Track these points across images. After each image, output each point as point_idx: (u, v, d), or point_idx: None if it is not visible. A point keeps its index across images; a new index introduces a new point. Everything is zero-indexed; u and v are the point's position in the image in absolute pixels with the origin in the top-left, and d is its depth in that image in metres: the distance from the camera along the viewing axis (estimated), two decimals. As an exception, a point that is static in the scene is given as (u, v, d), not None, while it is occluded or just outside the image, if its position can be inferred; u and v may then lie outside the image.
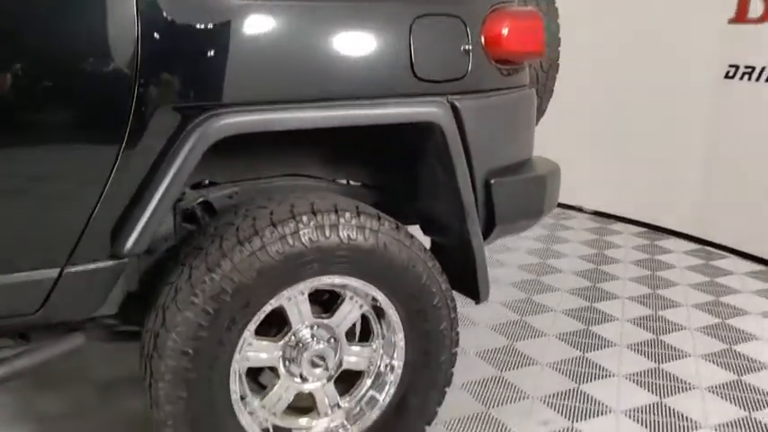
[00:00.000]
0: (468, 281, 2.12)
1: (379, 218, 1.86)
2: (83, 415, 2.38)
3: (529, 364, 2.76)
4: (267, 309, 1.78)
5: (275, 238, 1.70)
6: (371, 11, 1.81)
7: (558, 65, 2.56)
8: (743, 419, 2.42)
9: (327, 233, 1.75)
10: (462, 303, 2.80)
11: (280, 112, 1.70)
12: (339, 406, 2.00)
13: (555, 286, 3.59)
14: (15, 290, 1.56)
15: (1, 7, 1.44)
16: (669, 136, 4.36)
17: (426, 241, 2.26)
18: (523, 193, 2.15)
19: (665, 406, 2.49)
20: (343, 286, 1.88)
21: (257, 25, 1.68)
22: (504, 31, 1.97)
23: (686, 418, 2.42)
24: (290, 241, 1.71)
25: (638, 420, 2.40)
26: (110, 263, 1.63)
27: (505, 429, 2.32)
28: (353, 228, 1.79)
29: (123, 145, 1.55)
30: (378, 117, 1.82)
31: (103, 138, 1.56)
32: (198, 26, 1.62)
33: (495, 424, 2.35)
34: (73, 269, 1.59)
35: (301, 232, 1.72)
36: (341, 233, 1.77)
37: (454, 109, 1.91)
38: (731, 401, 2.54)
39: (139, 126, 1.56)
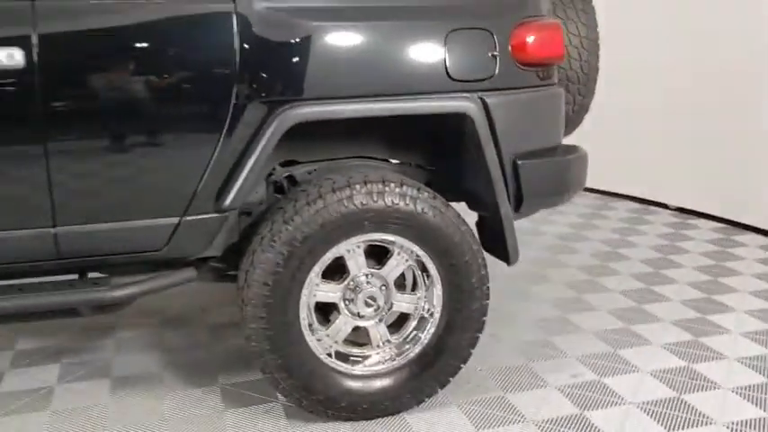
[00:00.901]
0: (501, 247, 2.57)
1: (419, 188, 2.35)
2: (199, 348, 3.03)
3: (630, 372, 2.80)
4: (329, 256, 2.31)
5: (334, 200, 2.24)
6: (414, 27, 2.31)
7: (597, 68, 2.92)
8: None
9: (375, 198, 2.27)
10: (569, 311, 3.12)
11: (338, 105, 2.23)
12: (389, 341, 2.50)
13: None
14: (150, 231, 2.19)
15: (151, 33, 2.07)
16: (751, 135, 4.53)
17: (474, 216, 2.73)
18: (548, 173, 2.56)
19: None
20: (391, 242, 2.38)
21: (327, 40, 2.22)
22: (529, 41, 2.41)
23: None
24: (346, 203, 2.24)
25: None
26: (214, 215, 2.24)
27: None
28: (397, 195, 2.29)
29: (226, 127, 2.15)
30: (417, 108, 2.32)
31: (213, 122, 2.15)
32: (281, 41, 2.19)
33: (589, 428, 2.41)
34: (188, 218, 2.21)
35: (354, 197, 2.25)
36: (386, 199, 2.28)
37: (484, 103, 2.38)
38: None
39: (238, 113, 2.15)
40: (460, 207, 2.61)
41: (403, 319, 2.55)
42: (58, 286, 2.18)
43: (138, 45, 2.09)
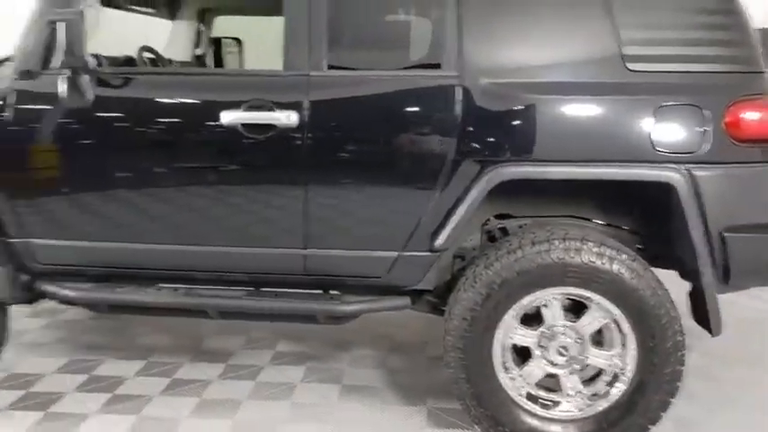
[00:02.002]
0: (705, 317, 2.59)
1: (619, 250, 2.50)
2: (416, 373, 3.42)
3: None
4: (525, 302, 2.56)
5: (532, 252, 2.50)
6: (624, 102, 2.50)
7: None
8: None
9: (572, 254, 2.47)
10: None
11: (543, 167, 2.50)
12: (580, 392, 2.65)
13: None
14: (375, 260, 2.66)
15: (390, 100, 2.57)
16: None
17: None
18: (762, 249, 2.53)
19: None
20: (588, 299, 2.56)
21: (539, 111, 2.52)
22: (745, 118, 2.45)
23: None
24: (543, 256, 2.48)
25: None
26: (427, 253, 2.63)
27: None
28: (594, 254, 2.47)
29: (443, 180, 2.55)
30: (620, 175, 2.49)
31: (433, 174, 2.56)
32: (498, 110, 2.54)
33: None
34: (405, 254, 2.64)
35: (552, 251, 2.48)
36: (583, 256, 2.47)
37: (691, 175, 2.46)
38: None
39: (454, 169, 2.53)
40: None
41: (597, 373, 2.68)
42: (303, 296, 2.74)
43: (380, 110, 2.59)
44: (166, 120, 2.66)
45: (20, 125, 2.66)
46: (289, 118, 2.54)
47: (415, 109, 2.58)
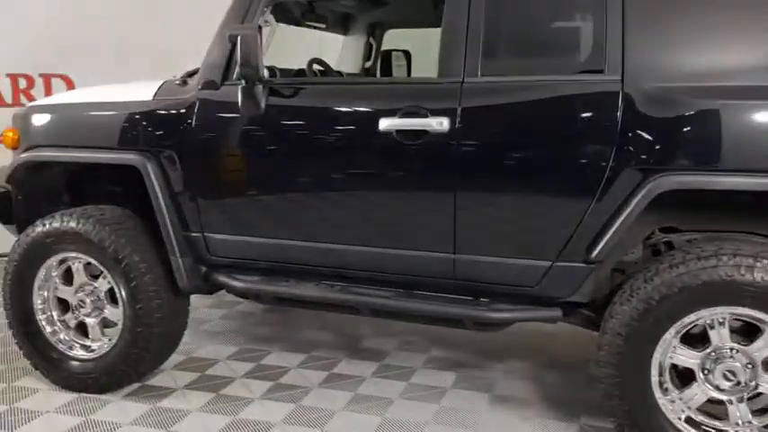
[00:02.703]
0: None
1: (799, 270, 2.26)
2: (572, 389, 3.31)
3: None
4: (688, 321, 2.39)
5: (697, 267, 2.33)
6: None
7: None
8: None
9: (743, 272, 2.27)
10: None
11: (712, 177, 2.32)
12: (749, 422, 2.42)
13: None
14: (527, 269, 2.61)
15: (545, 106, 2.52)
16: None
17: None
18: None
19: None
20: (760, 320, 2.34)
21: (706, 117, 2.34)
22: None
23: None
24: (709, 272, 2.31)
25: None
26: (581, 265, 2.54)
27: None
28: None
29: (600, 188, 2.45)
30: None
31: (590, 182, 2.46)
32: (663, 116, 2.40)
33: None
34: (558, 264, 2.57)
35: (720, 267, 2.30)
36: (755, 274, 2.26)
37: None
38: None
39: (613, 177, 2.43)
40: None
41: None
42: (452, 301, 2.76)
43: (535, 116, 2.55)
44: (329, 126, 2.81)
45: (202, 131, 2.94)
46: (441, 124, 2.58)
47: (572, 114, 2.50)
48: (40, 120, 3.31)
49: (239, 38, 2.69)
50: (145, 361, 3.14)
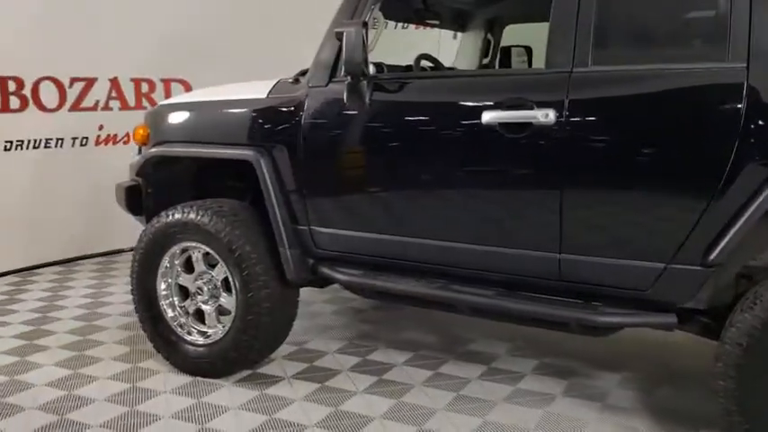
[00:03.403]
0: None
1: None
2: (689, 403, 3.06)
3: None
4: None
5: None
6: None
7: None
8: None
9: None
10: None
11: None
12: None
13: None
14: (638, 271, 2.44)
15: (663, 99, 2.35)
16: None
17: None
18: None
19: None
20: None
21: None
22: None
23: None
24: None
25: None
26: (698, 268, 2.34)
27: None
28: None
29: (720, 185, 2.24)
30: None
31: (709, 179, 2.27)
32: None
33: None
34: (673, 266, 2.38)
35: None
36: None
37: None
38: None
39: (734, 174, 2.22)
40: None
41: None
42: (557, 302, 2.63)
43: (648, 107, 2.38)
44: (431, 121, 2.79)
45: (310, 128, 3.01)
46: (547, 116, 2.47)
47: (689, 106, 2.32)
48: (167, 117, 3.53)
49: (344, 34, 2.73)
50: (254, 349, 3.25)
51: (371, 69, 2.89)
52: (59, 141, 5.42)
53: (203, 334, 3.39)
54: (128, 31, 5.50)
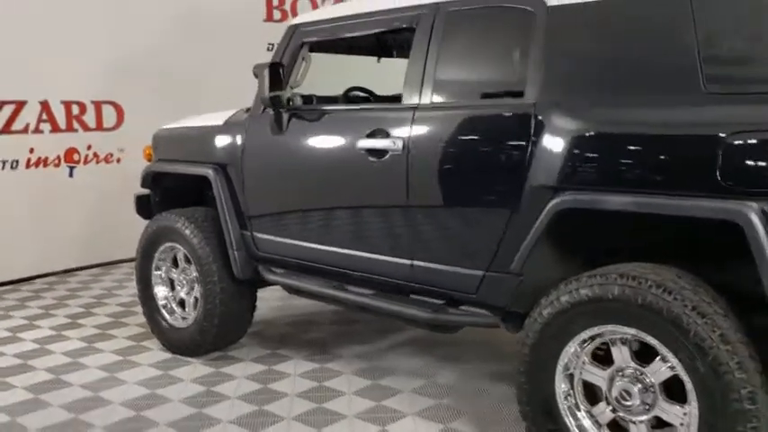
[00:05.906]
0: None
1: None
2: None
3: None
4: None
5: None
6: None
7: None
8: None
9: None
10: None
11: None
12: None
13: None
14: (466, 277, 2.82)
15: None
16: None
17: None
18: None
19: None
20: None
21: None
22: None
23: None
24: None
25: None
26: (507, 276, 2.68)
27: None
28: None
29: (518, 204, 2.59)
30: None
31: (509, 198, 2.62)
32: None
33: None
34: (489, 273, 2.75)
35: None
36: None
37: None
38: None
39: (525, 193, 2.56)
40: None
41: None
42: (415, 303, 3.05)
43: (464, 138, 2.80)
44: (325, 147, 3.34)
45: (247, 150, 3.64)
46: (395, 144, 2.95)
47: (493, 136, 2.73)
48: (162, 140, 4.31)
49: (267, 70, 3.32)
50: (212, 333, 3.90)
51: (298, 101, 3.46)
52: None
53: (184, 319, 4.09)
54: (58, 55, 5.66)
